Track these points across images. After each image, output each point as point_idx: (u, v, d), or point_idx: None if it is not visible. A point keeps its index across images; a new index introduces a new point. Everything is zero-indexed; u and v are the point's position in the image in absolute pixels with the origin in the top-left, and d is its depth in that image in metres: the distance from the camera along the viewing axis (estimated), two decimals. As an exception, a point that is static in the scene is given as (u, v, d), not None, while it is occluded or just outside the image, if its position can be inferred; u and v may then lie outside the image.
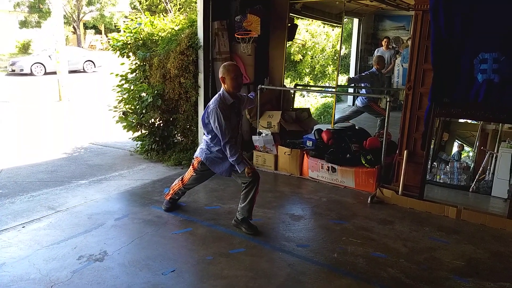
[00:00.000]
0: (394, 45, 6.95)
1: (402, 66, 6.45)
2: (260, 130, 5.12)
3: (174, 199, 3.68)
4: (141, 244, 3.06)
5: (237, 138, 3.44)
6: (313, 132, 5.16)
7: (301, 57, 7.71)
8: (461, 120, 4.38)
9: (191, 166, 3.49)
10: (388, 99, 4.23)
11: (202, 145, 3.39)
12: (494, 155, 4.33)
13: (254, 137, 5.08)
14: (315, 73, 8.06)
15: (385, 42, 6.87)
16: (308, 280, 2.65)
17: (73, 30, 28.34)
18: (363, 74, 6.15)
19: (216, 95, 3.27)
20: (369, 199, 3.99)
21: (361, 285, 2.61)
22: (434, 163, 4.25)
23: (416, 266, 2.85)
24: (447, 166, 4.49)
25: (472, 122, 4.45)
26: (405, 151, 3.99)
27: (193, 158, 3.49)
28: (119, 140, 6.18)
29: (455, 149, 4.69)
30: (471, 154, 4.66)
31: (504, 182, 4.06)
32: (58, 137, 6.55)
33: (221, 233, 3.26)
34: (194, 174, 3.44)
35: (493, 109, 3.51)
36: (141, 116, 5.16)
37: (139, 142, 5.48)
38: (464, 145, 4.72)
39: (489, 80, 3.46)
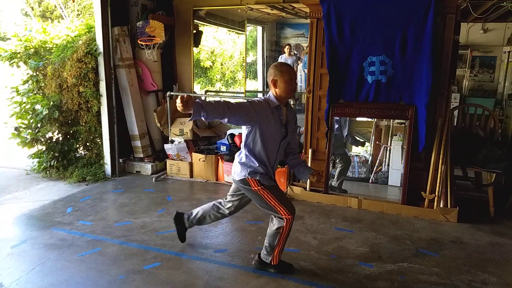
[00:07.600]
0: (295, 52, 7.33)
1: (304, 71, 6.82)
2: (173, 138, 5.01)
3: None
4: (43, 271, 2.78)
5: (272, 161, 2.69)
6: (226, 137, 5.20)
7: (211, 64, 7.75)
8: (358, 118, 4.79)
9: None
10: (292, 102, 4.44)
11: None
12: (388, 148, 4.82)
13: (167, 146, 4.96)
14: (226, 79, 8.15)
15: (287, 49, 7.22)
16: (226, 285, 2.65)
17: (-49, 39, 24.88)
18: None
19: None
20: (281, 198, 4.14)
21: (277, 281, 2.70)
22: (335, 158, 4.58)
23: (325, 257, 3.02)
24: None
25: (367, 119, 4.90)
26: (310, 150, 4.22)
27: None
28: (13, 159, 5.56)
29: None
30: (369, 148, 5.13)
31: (398, 172, 4.54)
32: None
33: (134, 249, 3.11)
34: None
35: (383, 107, 3.89)
36: (36, 130, 4.71)
37: (36, 160, 4.99)
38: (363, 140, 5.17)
39: (377, 81, 3.82)
